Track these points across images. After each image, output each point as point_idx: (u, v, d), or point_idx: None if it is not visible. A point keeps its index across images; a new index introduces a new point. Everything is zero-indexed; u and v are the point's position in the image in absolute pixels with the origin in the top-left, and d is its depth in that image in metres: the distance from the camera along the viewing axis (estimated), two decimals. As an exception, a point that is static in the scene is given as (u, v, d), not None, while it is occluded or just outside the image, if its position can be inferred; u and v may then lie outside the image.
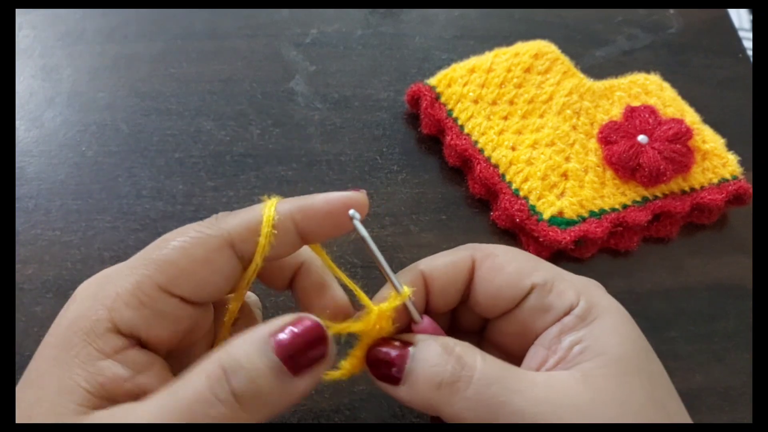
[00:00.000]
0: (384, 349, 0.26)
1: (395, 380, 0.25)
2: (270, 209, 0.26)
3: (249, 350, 0.22)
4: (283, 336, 0.23)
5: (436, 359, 0.25)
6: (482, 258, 0.28)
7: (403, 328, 0.28)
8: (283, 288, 0.29)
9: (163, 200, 0.43)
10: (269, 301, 0.40)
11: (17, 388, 0.23)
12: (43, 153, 0.44)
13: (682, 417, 0.25)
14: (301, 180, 0.45)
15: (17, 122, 0.45)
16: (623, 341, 0.25)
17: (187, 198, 0.43)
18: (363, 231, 0.26)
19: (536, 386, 0.24)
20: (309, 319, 0.24)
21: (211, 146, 0.46)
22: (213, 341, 0.29)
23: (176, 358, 0.26)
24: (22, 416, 0.22)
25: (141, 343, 0.24)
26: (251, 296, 0.32)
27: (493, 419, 0.23)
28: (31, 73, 0.48)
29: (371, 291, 0.41)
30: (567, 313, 0.26)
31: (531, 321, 0.27)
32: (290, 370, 0.22)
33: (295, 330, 0.23)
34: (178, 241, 0.25)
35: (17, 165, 0.43)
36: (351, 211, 0.26)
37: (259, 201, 0.43)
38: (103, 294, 0.24)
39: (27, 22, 0.50)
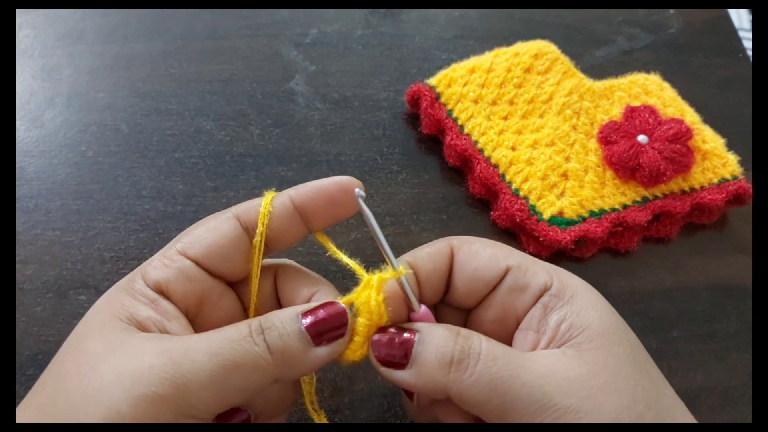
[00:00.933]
0: (388, 335, 0.27)
1: (401, 365, 0.26)
2: (270, 193, 0.29)
3: (283, 317, 0.26)
4: (312, 313, 0.26)
5: (443, 341, 0.26)
6: (459, 245, 0.30)
7: (400, 320, 0.29)
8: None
9: (163, 200, 0.43)
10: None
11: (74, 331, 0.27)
12: (43, 153, 0.44)
13: (662, 378, 0.27)
14: (301, 180, 0.44)
15: (17, 122, 0.45)
16: (602, 314, 0.27)
17: (187, 198, 0.43)
18: (365, 208, 0.28)
19: (537, 362, 0.25)
20: (338, 304, 0.27)
21: (211, 146, 0.46)
22: None
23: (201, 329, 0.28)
24: (72, 340, 0.26)
25: (171, 299, 0.28)
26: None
27: (500, 395, 0.24)
28: (31, 73, 0.48)
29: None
30: (543, 292, 0.28)
31: (510, 303, 0.29)
32: (312, 339, 0.26)
33: (323, 310, 0.27)
34: (200, 221, 0.29)
35: (17, 165, 0.43)
36: (357, 190, 0.28)
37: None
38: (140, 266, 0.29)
39: (27, 22, 0.50)
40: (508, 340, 0.28)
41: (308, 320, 0.26)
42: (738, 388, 0.41)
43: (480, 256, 0.29)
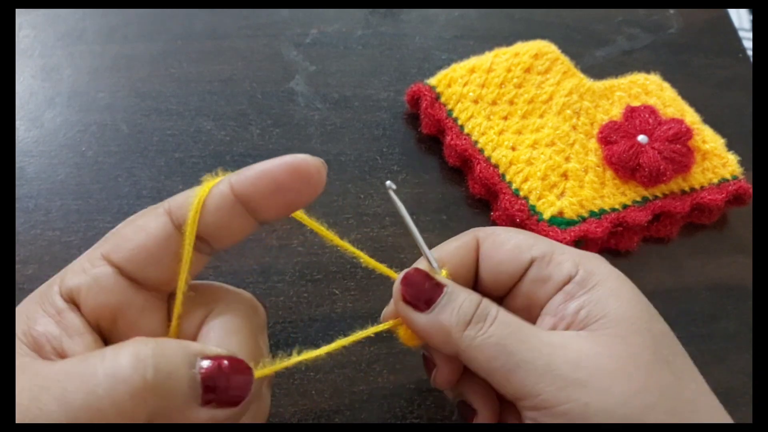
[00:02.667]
0: (421, 276, 0.28)
1: (422, 307, 0.27)
2: (210, 179, 0.25)
3: (179, 351, 0.22)
4: (212, 363, 0.22)
5: (467, 303, 0.27)
6: (484, 237, 0.30)
7: None
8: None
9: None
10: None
11: None
12: (43, 153, 0.44)
13: (690, 372, 0.27)
14: (301, 180, 0.45)
15: (17, 122, 0.45)
16: (622, 303, 0.26)
17: (187, 198, 0.43)
18: (399, 203, 0.29)
19: (550, 335, 0.26)
20: (243, 362, 0.23)
21: (211, 146, 0.46)
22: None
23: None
24: None
25: (81, 311, 0.24)
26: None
27: (507, 354, 0.25)
28: (31, 73, 0.48)
29: (372, 291, 0.41)
30: (567, 282, 0.28)
31: (533, 293, 0.29)
32: (203, 395, 0.22)
33: (227, 364, 0.22)
34: (131, 217, 0.26)
35: (17, 165, 0.43)
36: (387, 183, 0.28)
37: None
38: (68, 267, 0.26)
39: (27, 22, 0.50)
40: None
41: (207, 370, 0.22)
42: (738, 388, 0.41)
43: (504, 248, 0.29)
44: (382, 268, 0.30)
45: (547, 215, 0.43)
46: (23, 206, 0.42)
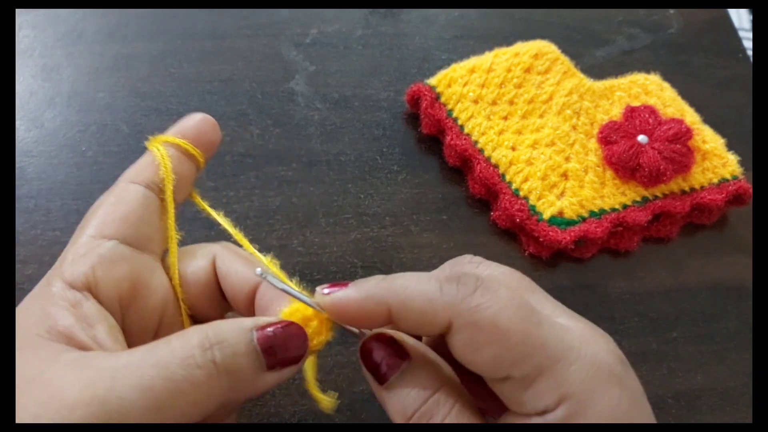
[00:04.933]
0: (382, 351, 0.25)
1: (381, 380, 0.26)
2: (153, 140, 0.29)
3: (235, 331, 0.23)
4: (266, 331, 0.23)
5: (415, 395, 0.25)
6: (460, 326, 0.23)
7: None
8: (246, 309, 0.28)
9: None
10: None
11: None
12: (43, 153, 0.44)
13: None
14: (301, 180, 0.45)
15: (17, 122, 0.45)
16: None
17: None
18: (275, 283, 0.25)
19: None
20: (295, 324, 0.24)
21: (211, 146, 0.46)
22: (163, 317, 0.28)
23: (133, 322, 0.26)
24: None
25: (94, 296, 0.25)
26: None
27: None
28: (31, 73, 0.48)
29: (371, 291, 0.41)
30: (539, 414, 0.23)
31: (506, 399, 0.24)
32: (266, 361, 0.23)
33: (279, 328, 0.24)
34: (93, 206, 0.28)
35: (17, 165, 0.43)
36: (257, 270, 0.25)
37: (259, 201, 0.43)
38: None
39: (27, 22, 0.50)
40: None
41: (263, 338, 0.23)
42: (738, 388, 0.41)
43: (480, 353, 0.23)
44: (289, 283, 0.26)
45: (547, 215, 0.43)
46: (23, 206, 0.42)
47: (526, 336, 0.23)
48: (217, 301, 0.29)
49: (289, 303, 0.26)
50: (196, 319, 0.29)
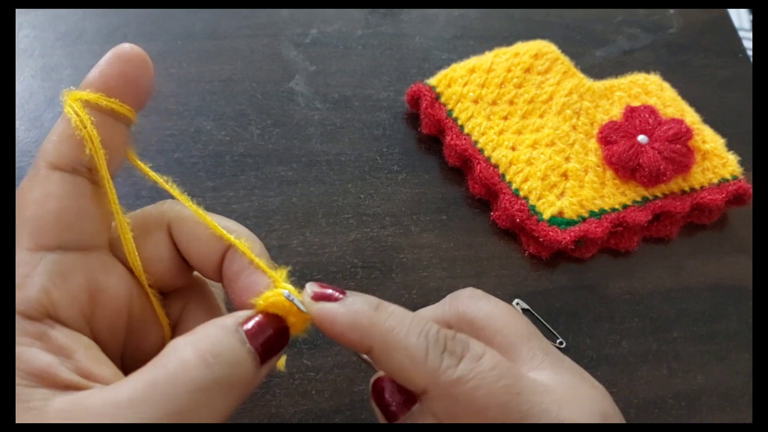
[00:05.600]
0: (393, 392, 0.25)
1: (389, 419, 0.25)
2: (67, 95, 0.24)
3: (226, 337, 0.22)
4: (250, 326, 0.23)
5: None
6: (437, 395, 0.23)
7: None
8: (216, 276, 0.27)
9: (161, 200, 0.43)
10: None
11: None
12: (42, 153, 0.44)
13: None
14: (301, 180, 0.45)
15: (17, 122, 0.45)
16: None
17: (187, 198, 0.43)
18: (300, 305, 0.24)
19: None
20: (278, 317, 0.24)
21: (210, 146, 0.46)
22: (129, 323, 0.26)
23: (101, 329, 0.24)
24: None
25: (55, 320, 0.22)
26: (216, 287, 0.30)
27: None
28: (31, 73, 0.48)
29: (371, 291, 0.41)
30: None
31: None
32: (260, 358, 0.22)
33: (261, 320, 0.23)
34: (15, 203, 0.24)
35: (17, 165, 0.43)
36: (285, 292, 0.24)
37: (259, 201, 0.43)
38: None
39: (27, 22, 0.50)
40: None
41: (255, 340, 0.22)
42: (738, 388, 0.41)
43: (457, 421, 0.23)
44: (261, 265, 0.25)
45: (547, 215, 0.43)
46: (23, 206, 0.42)
47: (506, 410, 0.23)
48: (182, 271, 0.27)
49: (264, 286, 0.24)
50: (164, 294, 0.27)
